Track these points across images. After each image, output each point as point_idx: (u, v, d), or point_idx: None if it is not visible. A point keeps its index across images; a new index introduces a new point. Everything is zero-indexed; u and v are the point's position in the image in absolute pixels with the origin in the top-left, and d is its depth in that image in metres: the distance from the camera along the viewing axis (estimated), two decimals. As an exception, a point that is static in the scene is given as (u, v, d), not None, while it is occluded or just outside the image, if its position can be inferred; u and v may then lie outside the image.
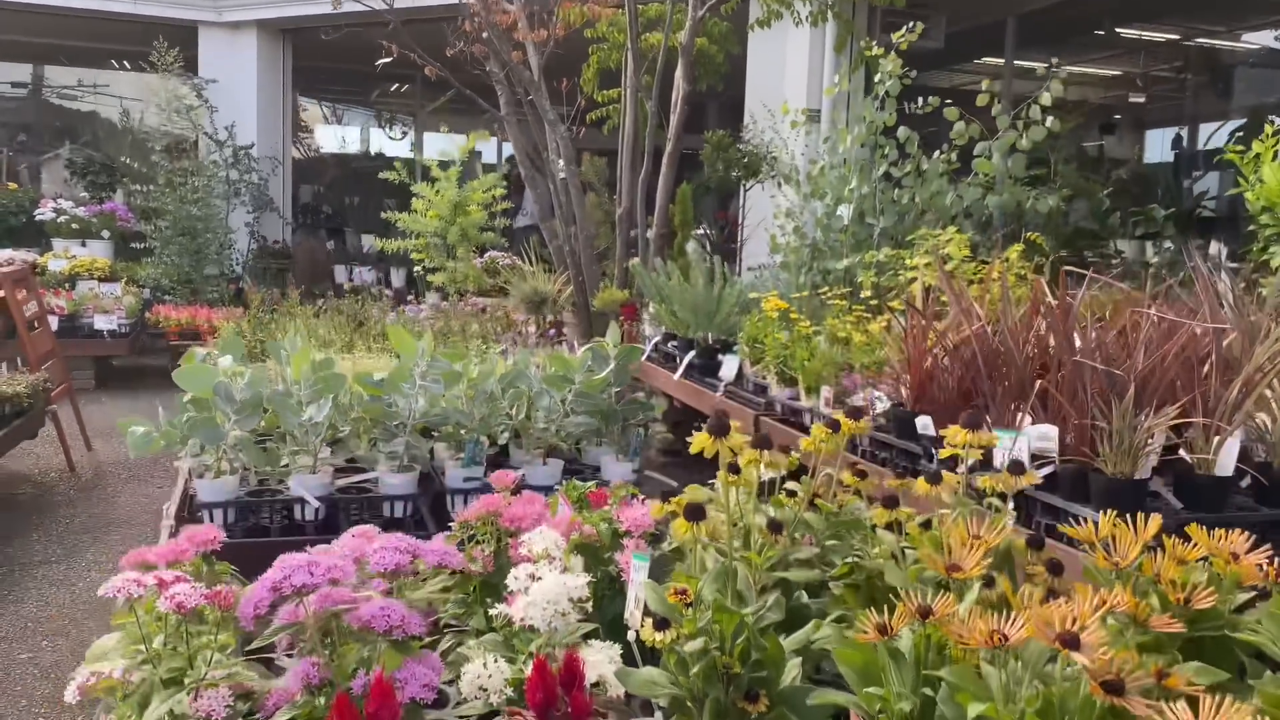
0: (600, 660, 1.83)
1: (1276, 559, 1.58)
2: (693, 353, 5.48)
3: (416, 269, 8.76)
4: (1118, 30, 10.98)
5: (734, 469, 1.85)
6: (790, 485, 2.11)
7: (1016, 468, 1.77)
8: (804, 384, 4.44)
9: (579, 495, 2.46)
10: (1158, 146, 13.38)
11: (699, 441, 1.72)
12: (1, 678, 3.34)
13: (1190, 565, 1.60)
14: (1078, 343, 3.39)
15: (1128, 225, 6.69)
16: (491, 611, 1.94)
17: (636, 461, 3.78)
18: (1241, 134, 9.28)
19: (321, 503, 3.45)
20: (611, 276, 7.73)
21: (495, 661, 1.83)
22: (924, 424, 3.62)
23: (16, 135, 14.11)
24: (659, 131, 7.67)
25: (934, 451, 3.59)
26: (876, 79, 5.78)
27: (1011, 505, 3.24)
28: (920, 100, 5.87)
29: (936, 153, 5.73)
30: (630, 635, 1.91)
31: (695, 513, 1.64)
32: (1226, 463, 3.06)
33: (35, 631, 3.67)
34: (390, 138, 15.55)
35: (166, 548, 2.13)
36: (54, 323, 7.56)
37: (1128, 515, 2.80)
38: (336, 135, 16.16)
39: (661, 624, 1.67)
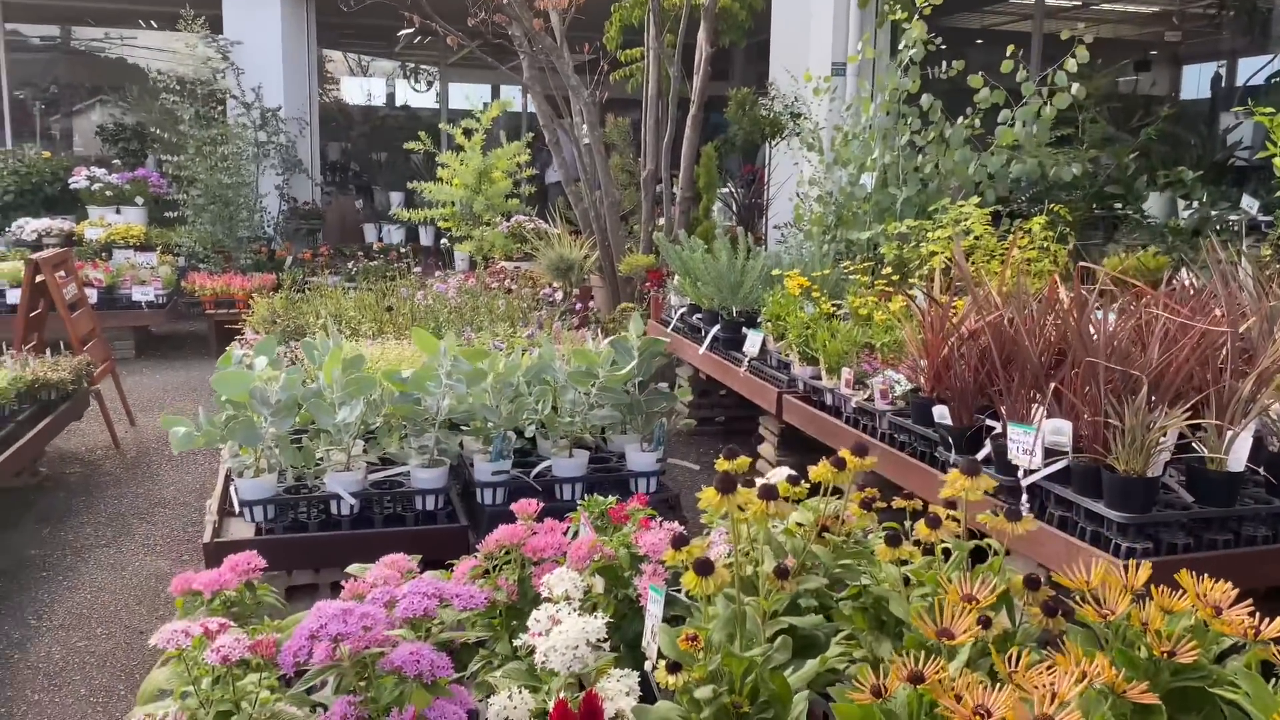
0: (619, 691, 1.94)
1: (1257, 613, 1.65)
2: (717, 327, 5.54)
3: (443, 241, 8.84)
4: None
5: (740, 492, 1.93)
6: (800, 513, 2.20)
7: (1013, 514, 1.84)
8: (825, 365, 4.50)
9: (600, 511, 2.56)
10: (1193, 85, 13.09)
11: (706, 497, 1.81)
12: (61, 666, 3.53)
13: (1177, 615, 1.68)
14: (1093, 331, 3.43)
15: (1157, 183, 6.62)
16: (516, 642, 2.05)
17: (660, 451, 3.87)
18: (1278, 79, 9.07)
19: (356, 498, 3.58)
20: (638, 239, 7.77)
21: (520, 693, 1.95)
22: (940, 413, 3.68)
23: (47, 90, 14.26)
24: (684, 86, 7.65)
25: (950, 440, 3.67)
26: (900, 45, 5.73)
27: (1025, 498, 3.34)
28: (945, 64, 5.80)
29: (960, 119, 5.69)
30: (648, 665, 2.02)
31: (704, 568, 1.73)
32: (1239, 457, 3.11)
33: (89, 618, 3.86)
34: (415, 89, 15.52)
35: (211, 575, 2.26)
36: (93, 295, 7.74)
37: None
38: (362, 88, 16.15)
39: (674, 667, 1.78)
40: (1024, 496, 3.24)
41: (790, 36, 9.03)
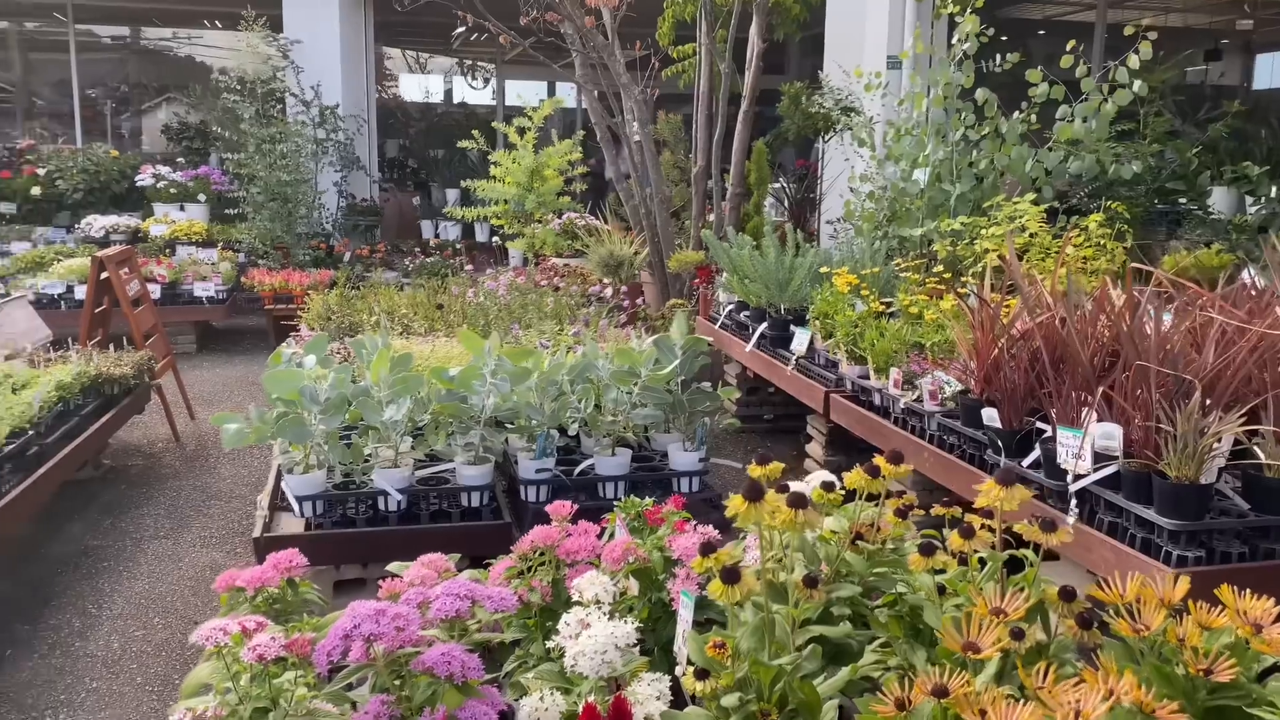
0: (649, 695, 1.94)
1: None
2: (764, 325, 5.52)
3: (495, 238, 8.91)
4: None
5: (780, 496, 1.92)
6: (836, 520, 2.18)
7: (1048, 526, 1.81)
8: (873, 364, 4.46)
9: (637, 513, 2.57)
10: (1266, 75, 12.71)
11: (734, 505, 1.80)
12: (119, 654, 3.63)
13: (1216, 631, 1.64)
14: (1148, 330, 3.35)
15: (1222, 178, 6.44)
16: (549, 644, 2.07)
17: (703, 450, 3.87)
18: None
19: (403, 495, 3.63)
20: (688, 235, 7.76)
21: (551, 694, 1.97)
22: (989, 416, 3.63)
23: (117, 90, 14.65)
24: (735, 81, 7.61)
25: (999, 443, 3.61)
26: (954, 40, 5.64)
27: (1074, 503, 3.28)
28: (1000, 57, 5.70)
29: (1016, 113, 5.58)
30: (678, 670, 2.03)
31: (730, 576, 1.73)
32: (1298, 464, 3.02)
33: (148, 608, 3.97)
34: (472, 86, 15.65)
35: (254, 572, 2.31)
36: (156, 291, 7.94)
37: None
38: (420, 86, 16.31)
39: (701, 673, 1.78)
40: (1072, 502, 3.19)
41: (845, 30, 8.93)
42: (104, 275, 5.83)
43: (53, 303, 7.83)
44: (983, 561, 2.00)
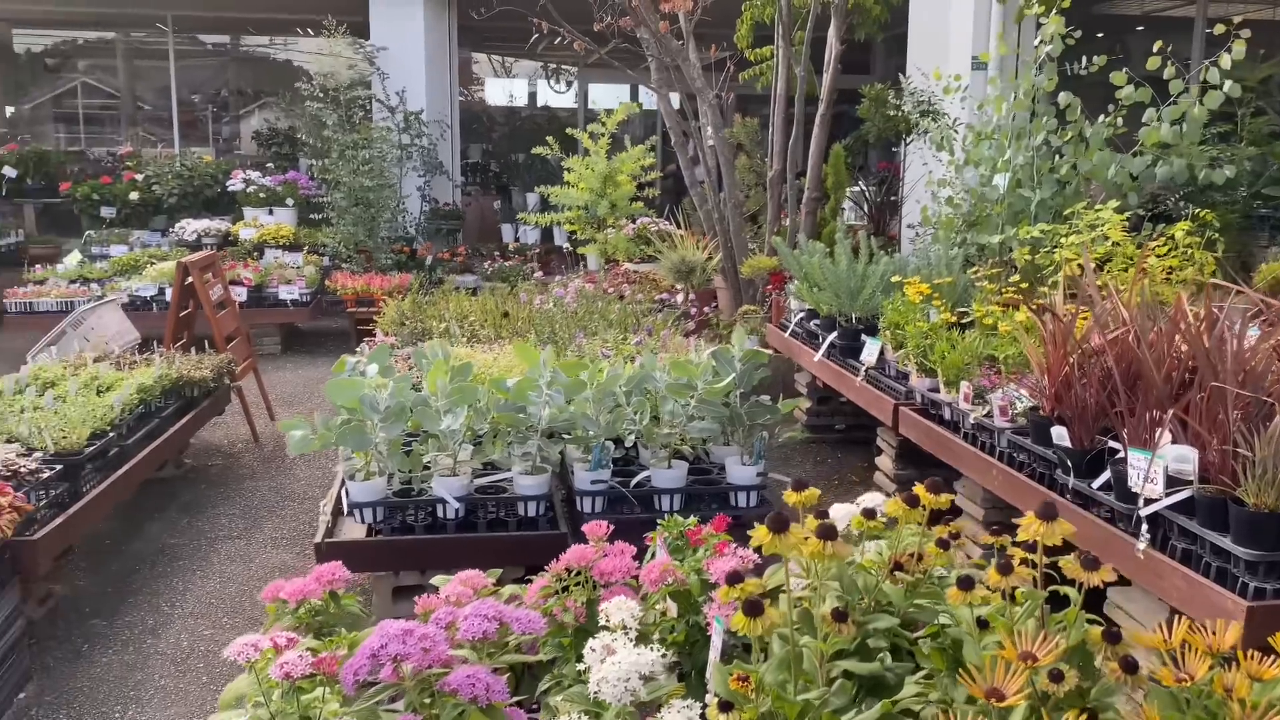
0: (677, 723, 1.91)
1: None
2: (834, 334, 5.42)
3: (565, 244, 8.95)
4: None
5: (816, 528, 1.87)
6: (876, 548, 2.12)
7: (1091, 564, 1.72)
8: (943, 377, 4.35)
9: (679, 532, 2.54)
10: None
11: (759, 536, 1.76)
12: (188, 653, 3.74)
13: (1267, 683, 1.54)
14: (1230, 348, 3.20)
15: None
16: (579, 667, 2.05)
17: (761, 464, 3.82)
18: None
19: (461, 503, 3.66)
20: (763, 240, 7.69)
21: (579, 719, 1.95)
22: (1059, 434, 3.51)
23: (218, 95, 15.16)
24: (813, 83, 7.51)
25: (1069, 463, 3.48)
26: (1035, 42, 5.46)
27: (1145, 528, 3.14)
28: (1086, 59, 5.49)
29: (1101, 117, 5.38)
30: (708, 698, 1.99)
31: (753, 609, 1.69)
32: (1390, 493, 2.85)
33: (217, 608, 4.08)
34: (555, 90, 15.76)
35: (297, 585, 2.34)
36: (243, 293, 8.19)
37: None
38: (503, 90, 16.50)
39: (725, 706, 1.74)
40: (1143, 527, 3.05)
41: (928, 30, 8.74)
42: (188, 280, 6.01)
43: (145, 304, 8.11)
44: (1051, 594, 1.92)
